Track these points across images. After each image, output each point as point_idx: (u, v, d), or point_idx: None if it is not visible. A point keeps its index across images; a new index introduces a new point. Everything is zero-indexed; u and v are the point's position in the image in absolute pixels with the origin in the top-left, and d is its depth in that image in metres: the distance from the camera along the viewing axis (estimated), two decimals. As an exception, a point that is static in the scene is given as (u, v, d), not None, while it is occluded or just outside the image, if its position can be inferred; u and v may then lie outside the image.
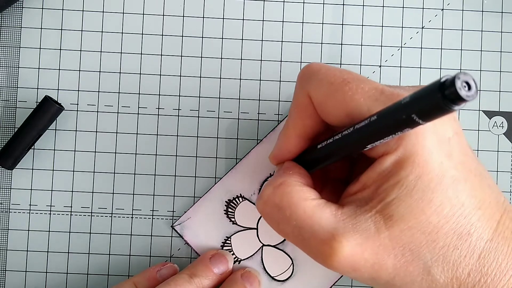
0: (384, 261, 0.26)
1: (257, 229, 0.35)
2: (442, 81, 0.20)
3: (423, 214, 0.25)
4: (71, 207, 0.35)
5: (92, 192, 0.36)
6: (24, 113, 0.35)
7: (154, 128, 0.36)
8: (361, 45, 0.36)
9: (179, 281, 0.33)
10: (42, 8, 0.36)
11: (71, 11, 0.36)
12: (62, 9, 0.36)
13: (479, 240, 0.26)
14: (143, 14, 0.36)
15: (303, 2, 0.36)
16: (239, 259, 0.35)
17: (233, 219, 0.35)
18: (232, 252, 0.35)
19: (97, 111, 0.36)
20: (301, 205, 0.27)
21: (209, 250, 0.35)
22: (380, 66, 0.36)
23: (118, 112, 0.36)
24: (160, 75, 0.36)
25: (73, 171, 0.36)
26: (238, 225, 0.35)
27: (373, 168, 0.26)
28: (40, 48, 0.36)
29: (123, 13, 0.36)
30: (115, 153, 0.36)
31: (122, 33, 0.36)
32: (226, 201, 0.35)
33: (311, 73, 0.28)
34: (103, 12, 0.36)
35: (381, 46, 0.36)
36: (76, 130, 0.36)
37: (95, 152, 0.36)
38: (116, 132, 0.36)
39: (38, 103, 0.35)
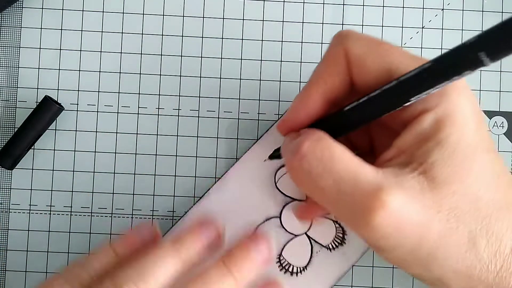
0: (429, 223, 0.24)
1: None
2: None
3: (467, 178, 0.25)
4: (71, 207, 0.35)
5: (92, 192, 0.36)
6: (24, 113, 0.35)
7: (154, 128, 0.36)
8: (361, 45, 0.36)
9: (160, 251, 0.28)
10: (42, 8, 0.36)
11: (71, 11, 0.36)
12: (62, 9, 0.36)
13: None
14: (143, 14, 0.36)
15: (303, 2, 0.36)
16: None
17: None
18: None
19: (97, 111, 0.36)
20: (343, 158, 0.25)
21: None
22: (380, 66, 0.36)
23: (118, 112, 0.36)
24: (160, 75, 0.36)
25: (73, 171, 0.36)
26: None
27: (409, 130, 0.25)
28: (40, 48, 0.36)
29: (123, 13, 0.36)
30: (115, 153, 0.36)
31: (122, 33, 0.36)
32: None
33: (349, 32, 0.28)
34: (103, 12, 0.36)
35: (381, 46, 0.36)
36: (76, 130, 0.36)
37: (95, 152, 0.36)
38: (116, 132, 0.36)
39: (38, 103, 0.35)
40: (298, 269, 0.34)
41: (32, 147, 0.35)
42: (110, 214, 0.35)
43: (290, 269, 0.34)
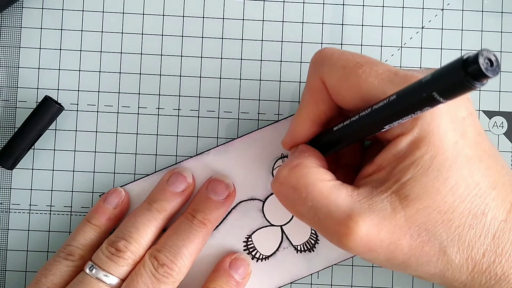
0: (400, 241, 0.26)
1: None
2: (464, 58, 0.20)
3: (438, 193, 0.26)
4: (71, 207, 0.35)
5: (92, 192, 0.36)
6: (24, 113, 0.35)
7: (154, 128, 0.36)
8: (361, 45, 0.36)
9: (138, 211, 0.33)
10: (42, 8, 0.36)
11: (71, 11, 0.36)
12: (62, 9, 0.36)
13: (494, 220, 0.26)
14: (143, 14, 0.36)
15: (303, 2, 0.36)
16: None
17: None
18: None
19: (97, 111, 0.36)
20: (317, 186, 0.27)
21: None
22: (380, 66, 0.36)
23: (118, 112, 0.36)
24: (160, 75, 0.36)
25: (73, 171, 0.36)
26: None
27: (389, 149, 0.27)
28: (40, 48, 0.36)
29: (123, 13, 0.36)
30: (115, 153, 0.36)
31: (122, 33, 0.36)
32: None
33: (324, 57, 0.28)
34: (103, 12, 0.36)
35: (381, 46, 0.36)
36: (76, 130, 0.36)
37: (95, 152, 0.36)
38: (116, 132, 0.36)
39: (38, 103, 0.35)
40: (261, 256, 0.35)
41: (32, 147, 0.35)
42: (110, 214, 0.35)
43: (253, 253, 0.35)
